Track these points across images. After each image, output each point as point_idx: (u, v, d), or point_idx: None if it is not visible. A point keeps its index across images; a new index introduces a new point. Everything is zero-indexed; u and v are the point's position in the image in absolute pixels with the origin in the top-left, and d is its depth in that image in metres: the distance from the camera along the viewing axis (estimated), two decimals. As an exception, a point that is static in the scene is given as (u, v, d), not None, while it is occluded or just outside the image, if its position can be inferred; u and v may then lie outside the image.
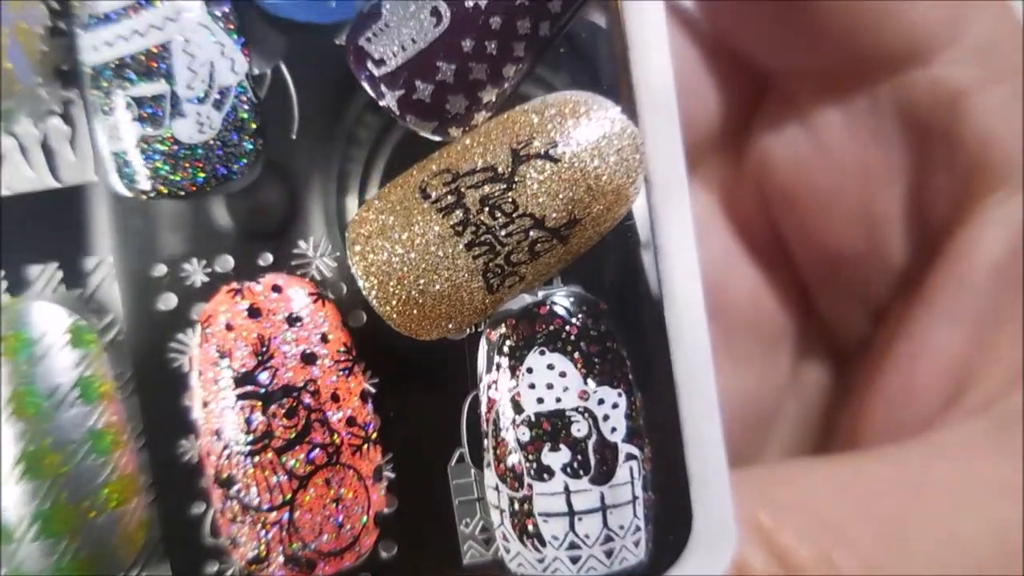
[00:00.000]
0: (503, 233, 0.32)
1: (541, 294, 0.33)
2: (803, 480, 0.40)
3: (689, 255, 0.34)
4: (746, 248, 0.53)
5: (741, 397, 0.52)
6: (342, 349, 0.33)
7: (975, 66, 0.44)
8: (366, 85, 0.32)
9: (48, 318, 0.33)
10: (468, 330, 0.34)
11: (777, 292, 0.53)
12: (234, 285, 0.33)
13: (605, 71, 0.34)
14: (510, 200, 0.31)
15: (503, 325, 0.33)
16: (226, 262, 0.35)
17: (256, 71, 0.33)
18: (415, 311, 0.32)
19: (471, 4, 0.31)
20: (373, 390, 0.34)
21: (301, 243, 0.34)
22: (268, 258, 0.35)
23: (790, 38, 0.46)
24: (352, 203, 0.34)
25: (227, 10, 0.32)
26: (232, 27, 0.32)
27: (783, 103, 0.50)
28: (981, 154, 0.44)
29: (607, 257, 0.34)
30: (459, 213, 0.32)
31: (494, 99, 0.32)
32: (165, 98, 0.31)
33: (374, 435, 0.34)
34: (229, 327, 0.33)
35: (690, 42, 0.51)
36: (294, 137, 0.34)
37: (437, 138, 0.33)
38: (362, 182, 0.34)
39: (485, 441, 0.33)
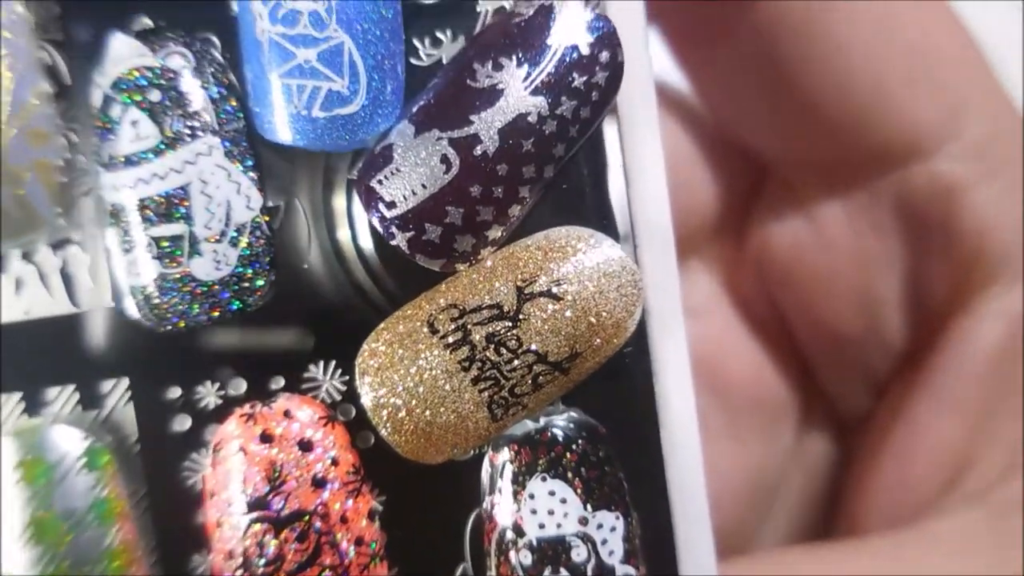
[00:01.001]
0: (507, 368, 0.33)
1: (543, 420, 0.35)
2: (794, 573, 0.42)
3: (684, 380, 0.36)
4: (748, 326, 0.54)
5: (745, 471, 0.54)
6: (351, 471, 0.35)
7: (973, 161, 0.46)
8: (377, 224, 0.33)
9: (65, 441, 0.35)
10: (473, 451, 0.35)
11: (779, 367, 0.54)
12: (247, 410, 0.35)
13: (604, 205, 0.35)
14: (515, 337, 0.33)
15: (506, 450, 0.35)
16: (239, 385, 0.36)
17: (270, 202, 0.35)
18: (423, 440, 0.34)
19: (479, 152, 0.32)
20: (380, 508, 0.35)
21: (311, 367, 0.36)
22: (280, 381, 0.36)
23: (789, 131, 0.48)
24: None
25: (244, 147, 0.33)
26: (248, 163, 0.33)
27: (782, 190, 0.51)
28: (978, 247, 0.46)
29: (606, 381, 0.36)
30: (466, 349, 0.33)
31: (500, 236, 0.34)
32: (184, 238, 0.32)
33: (381, 552, 0.35)
34: (243, 451, 0.34)
35: (690, 128, 0.52)
36: (306, 266, 0.35)
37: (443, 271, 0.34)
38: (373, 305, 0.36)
39: (488, 560, 0.35)
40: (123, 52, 0.33)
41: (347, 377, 0.36)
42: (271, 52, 0.32)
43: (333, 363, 0.36)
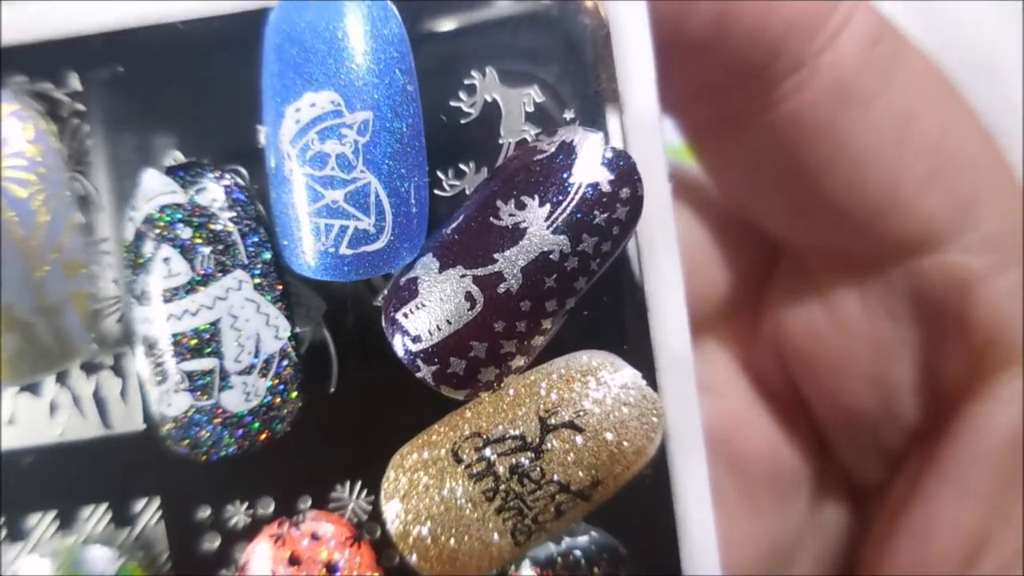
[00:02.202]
0: (531, 499, 0.34)
1: (565, 542, 0.36)
2: None
3: (704, 500, 0.36)
4: (763, 400, 0.55)
5: (761, 543, 0.54)
6: (376, 590, 0.36)
7: (986, 253, 0.46)
8: (402, 355, 0.34)
9: (101, 562, 0.35)
10: (495, 572, 0.36)
11: (793, 438, 0.55)
12: (276, 531, 0.35)
13: (625, 331, 0.36)
14: (538, 469, 0.34)
15: (529, 572, 0.35)
16: (267, 504, 0.37)
17: (296, 329, 0.35)
18: (447, 566, 0.34)
19: (503, 290, 0.33)
20: (405, 626, 0.36)
21: (338, 487, 0.37)
22: (307, 500, 0.37)
23: (804, 220, 0.48)
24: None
25: (272, 278, 0.34)
26: (276, 294, 0.34)
27: (798, 271, 0.52)
28: (992, 335, 0.46)
29: (626, 500, 0.36)
30: (490, 480, 0.34)
31: (523, 364, 0.35)
32: (214, 372, 0.33)
33: (405, 667, 0.36)
34: (273, 574, 0.35)
35: (703, 205, 0.53)
36: (332, 390, 0.36)
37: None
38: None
39: None
40: (155, 188, 0.33)
41: (372, 497, 0.37)
42: (300, 192, 0.33)
43: (359, 483, 0.37)
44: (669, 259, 0.35)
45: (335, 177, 0.33)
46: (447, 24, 0.35)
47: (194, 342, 0.33)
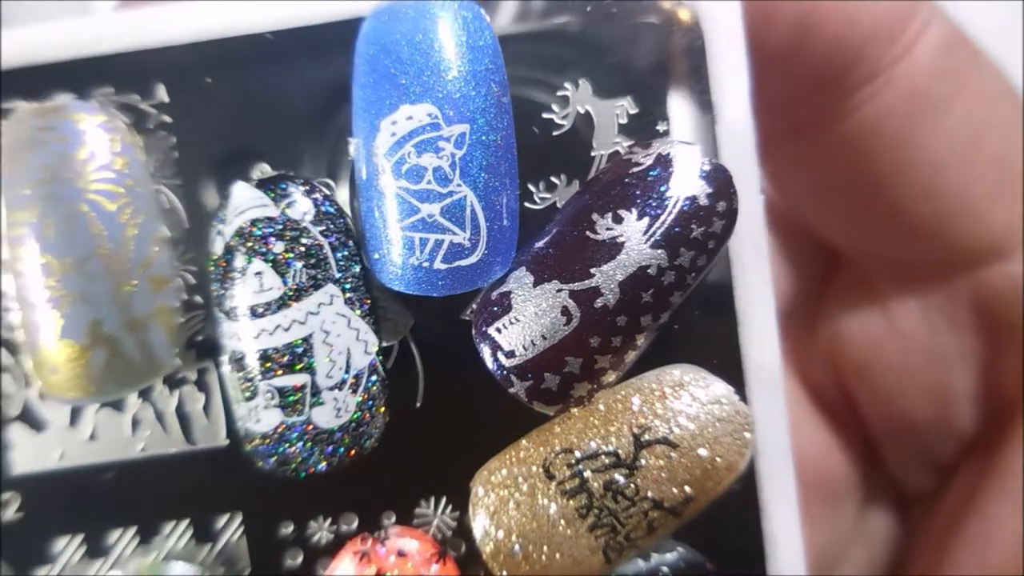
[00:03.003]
0: (624, 516, 0.33)
1: (653, 559, 0.35)
2: None
3: (792, 516, 0.36)
4: (816, 408, 0.55)
5: (811, 550, 0.54)
6: (462, 607, 0.35)
7: None
8: (494, 370, 0.33)
9: (185, 577, 0.35)
10: (581, 588, 0.36)
11: (844, 445, 0.55)
12: (360, 547, 0.35)
13: (715, 346, 0.35)
14: (632, 485, 0.33)
15: (616, 588, 0.35)
16: (351, 520, 0.36)
17: (384, 343, 0.35)
18: (537, 582, 0.34)
19: (600, 304, 0.32)
20: (489, 644, 0.36)
21: (423, 502, 0.36)
22: (391, 516, 0.36)
23: (868, 229, 0.48)
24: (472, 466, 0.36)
25: (362, 292, 0.34)
26: (365, 308, 0.34)
27: (857, 280, 0.51)
28: None
29: (713, 516, 0.36)
30: (583, 497, 0.33)
31: (613, 380, 0.34)
32: (306, 388, 0.33)
33: None
34: (357, 591, 0.35)
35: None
36: (418, 405, 0.36)
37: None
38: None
39: None
40: (245, 201, 0.33)
41: (457, 512, 0.36)
42: (394, 205, 0.32)
43: (444, 499, 0.36)
44: (760, 273, 0.35)
45: (431, 191, 0.32)
46: (539, 34, 0.34)
47: (286, 358, 0.33)
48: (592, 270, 0.32)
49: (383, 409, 0.34)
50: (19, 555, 0.36)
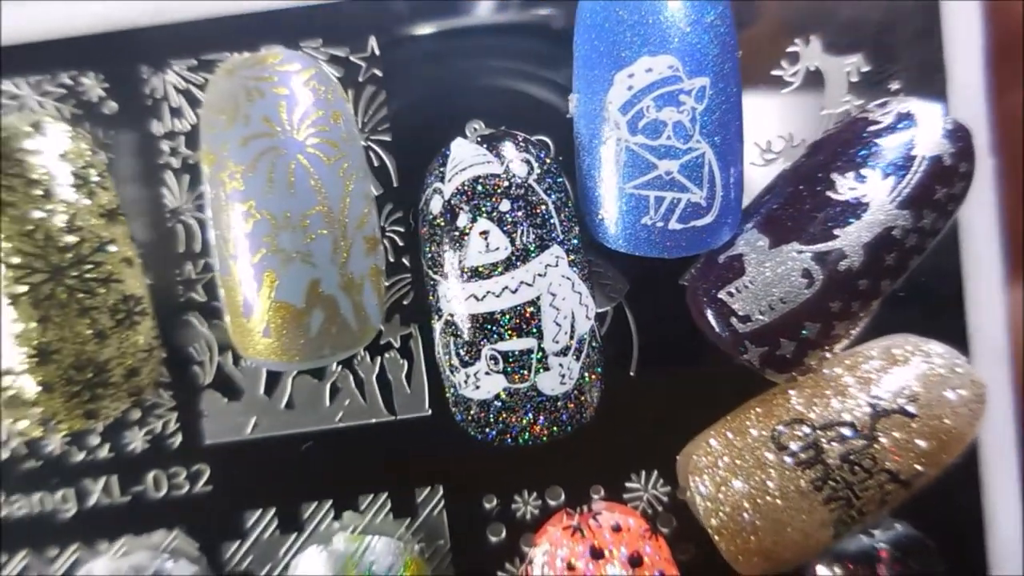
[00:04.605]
0: (860, 488, 0.32)
1: (877, 535, 0.34)
2: None
3: (1014, 494, 0.35)
4: None
5: None
6: (676, 586, 0.34)
7: None
8: (724, 336, 0.32)
9: (382, 554, 0.33)
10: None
11: None
12: (572, 522, 0.34)
13: (940, 315, 0.34)
14: (870, 457, 0.32)
15: (836, 566, 0.34)
16: (557, 494, 0.35)
17: (598, 308, 0.33)
18: (761, 559, 0.32)
19: (843, 267, 0.31)
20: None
21: (633, 476, 0.35)
22: (599, 490, 0.35)
23: None
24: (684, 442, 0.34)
25: (581, 255, 0.32)
26: (584, 271, 0.32)
27: None
28: None
29: (932, 496, 0.34)
30: (819, 469, 0.32)
31: (842, 348, 0.33)
32: (532, 353, 0.31)
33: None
34: (571, 567, 0.33)
35: None
36: (632, 374, 0.34)
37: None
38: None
39: None
40: (467, 158, 0.31)
41: (667, 487, 0.35)
42: (627, 162, 0.31)
43: (655, 472, 0.35)
44: (988, 241, 0.34)
45: (671, 147, 0.31)
46: (770, -12, 0.33)
47: (513, 321, 0.31)
48: (835, 231, 0.31)
49: (601, 380, 0.33)
50: (207, 528, 0.34)
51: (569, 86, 0.33)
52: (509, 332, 0.31)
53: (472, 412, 0.32)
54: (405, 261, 0.34)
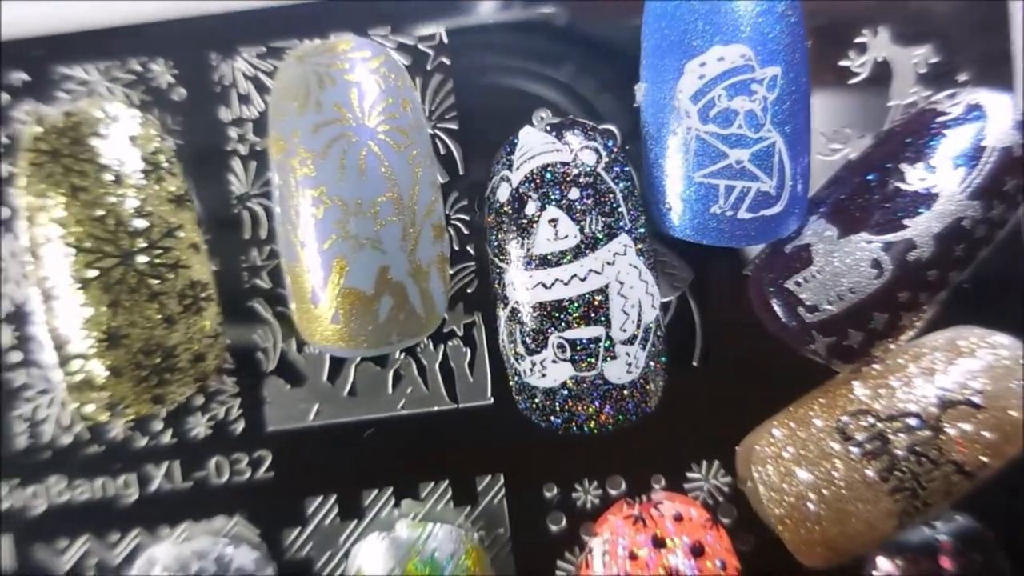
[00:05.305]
0: (926, 480, 0.32)
1: (939, 527, 0.34)
2: None
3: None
4: None
5: None
6: (736, 576, 0.34)
7: None
8: (791, 326, 0.32)
9: (443, 542, 0.33)
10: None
11: None
12: (633, 512, 0.34)
13: (1004, 307, 0.34)
14: (936, 448, 0.32)
15: (898, 558, 0.34)
16: (617, 483, 0.35)
17: (663, 298, 0.33)
18: (824, 549, 0.32)
19: (913, 258, 0.31)
20: (756, 612, 0.34)
21: (694, 466, 0.35)
22: (660, 480, 0.35)
23: None
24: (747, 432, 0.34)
25: (647, 244, 0.32)
26: (649, 261, 0.32)
27: None
28: None
29: (991, 489, 0.34)
30: (885, 459, 0.32)
31: (907, 339, 0.33)
32: (600, 341, 0.31)
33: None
34: (633, 556, 0.33)
35: None
36: (695, 364, 0.34)
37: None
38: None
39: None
40: (535, 146, 0.32)
41: (729, 478, 0.35)
42: (697, 151, 0.31)
43: (716, 463, 0.35)
44: (1052, 231, 0.34)
45: (742, 136, 0.31)
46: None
47: (581, 309, 0.31)
48: (905, 221, 0.31)
49: (665, 370, 0.33)
50: (268, 514, 0.35)
51: (636, 76, 0.33)
52: (577, 320, 0.31)
53: (537, 400, 0.32)
54: (469, 249, 0.34)
